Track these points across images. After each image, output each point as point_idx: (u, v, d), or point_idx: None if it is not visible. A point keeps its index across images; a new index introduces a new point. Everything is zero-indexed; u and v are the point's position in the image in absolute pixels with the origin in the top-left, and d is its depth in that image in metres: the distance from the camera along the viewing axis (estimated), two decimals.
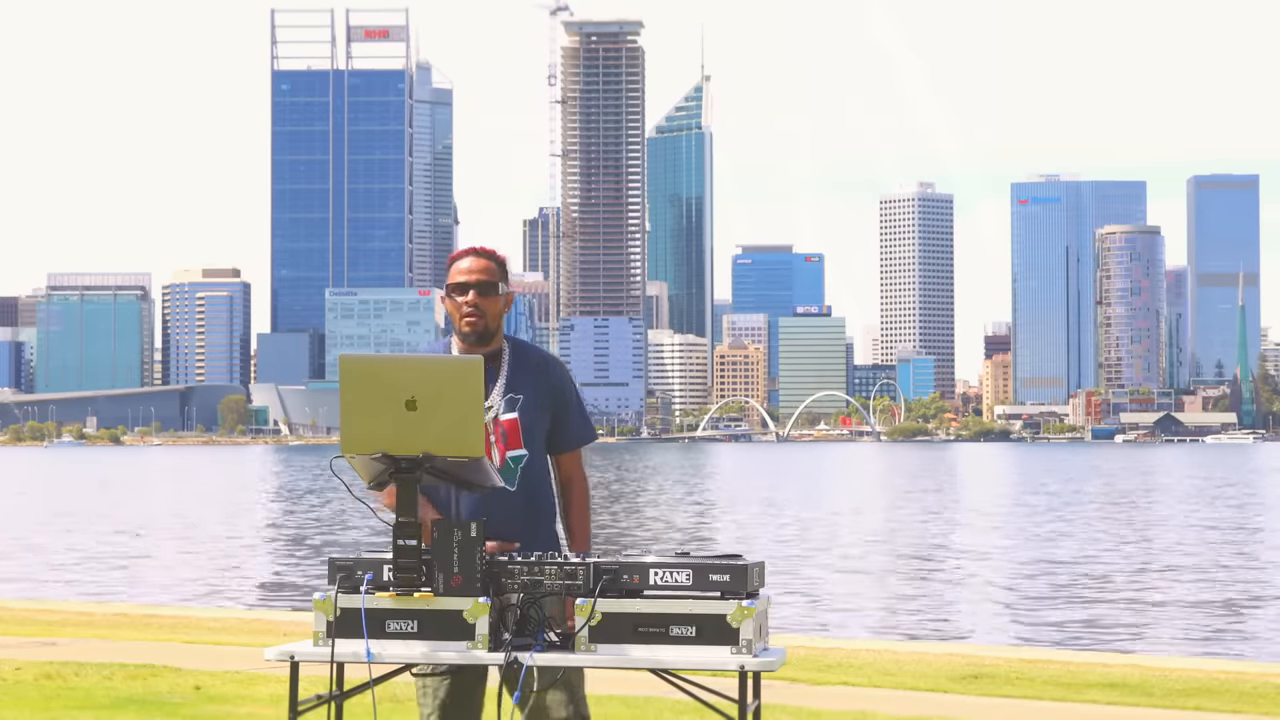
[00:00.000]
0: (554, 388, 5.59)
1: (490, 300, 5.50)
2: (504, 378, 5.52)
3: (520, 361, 5.57)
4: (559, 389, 5.60)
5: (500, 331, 5.58)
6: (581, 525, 5.62)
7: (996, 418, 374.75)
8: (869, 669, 12.51)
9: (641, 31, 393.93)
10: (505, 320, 5.49)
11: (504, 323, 5.59)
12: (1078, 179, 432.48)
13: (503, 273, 5.59)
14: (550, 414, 5.57)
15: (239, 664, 11.93)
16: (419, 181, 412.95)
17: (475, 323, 5.49)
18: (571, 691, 5.35)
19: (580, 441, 5.67)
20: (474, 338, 5.51)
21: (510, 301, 5.56)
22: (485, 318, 5.50)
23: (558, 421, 5.60)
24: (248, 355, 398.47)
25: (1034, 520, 46.24)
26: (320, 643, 4.93)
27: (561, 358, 66.05)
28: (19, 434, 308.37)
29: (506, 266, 5.64)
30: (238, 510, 54.18)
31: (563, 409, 5.61)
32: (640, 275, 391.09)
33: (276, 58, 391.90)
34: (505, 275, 5.60)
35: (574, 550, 5.55)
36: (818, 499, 62.24)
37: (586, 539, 5.61)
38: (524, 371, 5.55)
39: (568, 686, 5.33)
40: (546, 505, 5.59)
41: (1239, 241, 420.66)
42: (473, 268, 5.54)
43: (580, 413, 5.67)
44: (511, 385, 5.52)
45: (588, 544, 5.60)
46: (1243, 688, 11.58)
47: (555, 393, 5.59)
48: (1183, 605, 23.61)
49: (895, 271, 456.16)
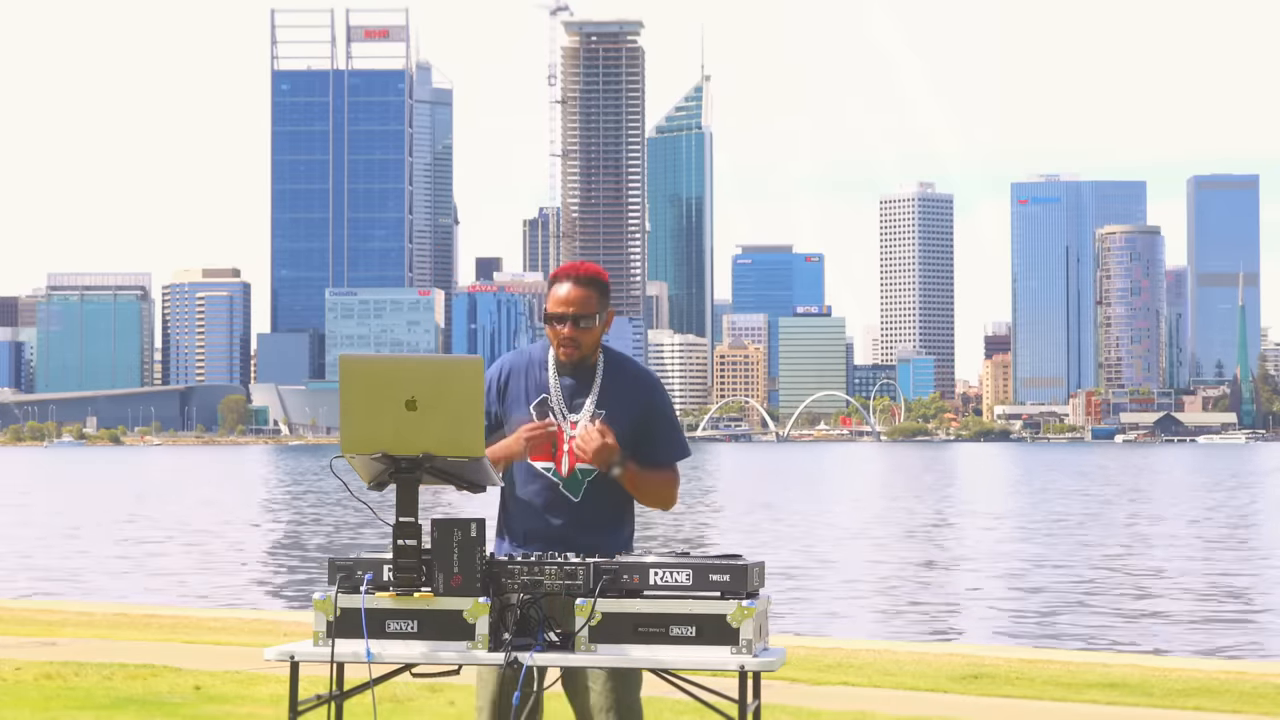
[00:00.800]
0: (644, 404, 5.48)
1: (587, 332, 5.40)
2: (597, 389, 5.44)
3: (613, 375, 5.48)
4: (649, 405, 5.49)
5: (598, 346, 5.49)
6: (660, 480, 5.47)
7: (996, 418, 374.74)
8: (869, 669, 12.51)
9: (641, 31, 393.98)
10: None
11: (601, 337, 5.49)
12: (1078, 179, 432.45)
13: (603, 297, 5.44)
14: (637, 430, 5.45)
15: (239, 664, 11.93)
16: (419, 181, 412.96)
17: (572, 354, 5.41)
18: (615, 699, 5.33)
19: (674, 458, 5.56)
20: (569, 367, 5.45)
21: (611, 320, 5.47)
22: (582, 348, 5.41)
23: (647, 437, 5.48)
24: (248, 355, 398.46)
25: (1034, 520, 46.24)
26: (320, 643, 4.92)
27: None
28: (19, 434, 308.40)
29: (608, 286, 5.50)
30: (238, 510, 54.16)
31: (653, 425, 5.49)
32: (640, 275, 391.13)
33: (276, 58, 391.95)
34: (606, 297, 5.46)
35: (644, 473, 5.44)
36: (818, 499, 62.24)
37: (656, 480, 5.46)
38: (615, 386, 5.46)
39: (611, 694, 5.32)
40: (613, 522, 5.50)
41: (1239, 241, 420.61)
42: (570, 298, 5.40)
43: (673, 428, 5.55)
44: (603, 398, 5.43)
45: (652, 479, 5.45)
46: (1243, 688, 11.57)
47: (645, 408, 5.48)
48: (1183, 605, 23.61)
49: (895, 271, 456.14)
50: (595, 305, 5.40)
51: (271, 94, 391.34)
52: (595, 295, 5.41)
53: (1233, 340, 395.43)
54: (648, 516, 47.73)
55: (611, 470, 5.34)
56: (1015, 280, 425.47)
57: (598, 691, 5.32)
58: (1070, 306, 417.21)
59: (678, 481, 5.58)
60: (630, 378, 5.49)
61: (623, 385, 5.46)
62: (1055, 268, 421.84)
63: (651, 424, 5.49)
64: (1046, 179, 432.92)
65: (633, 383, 5.49)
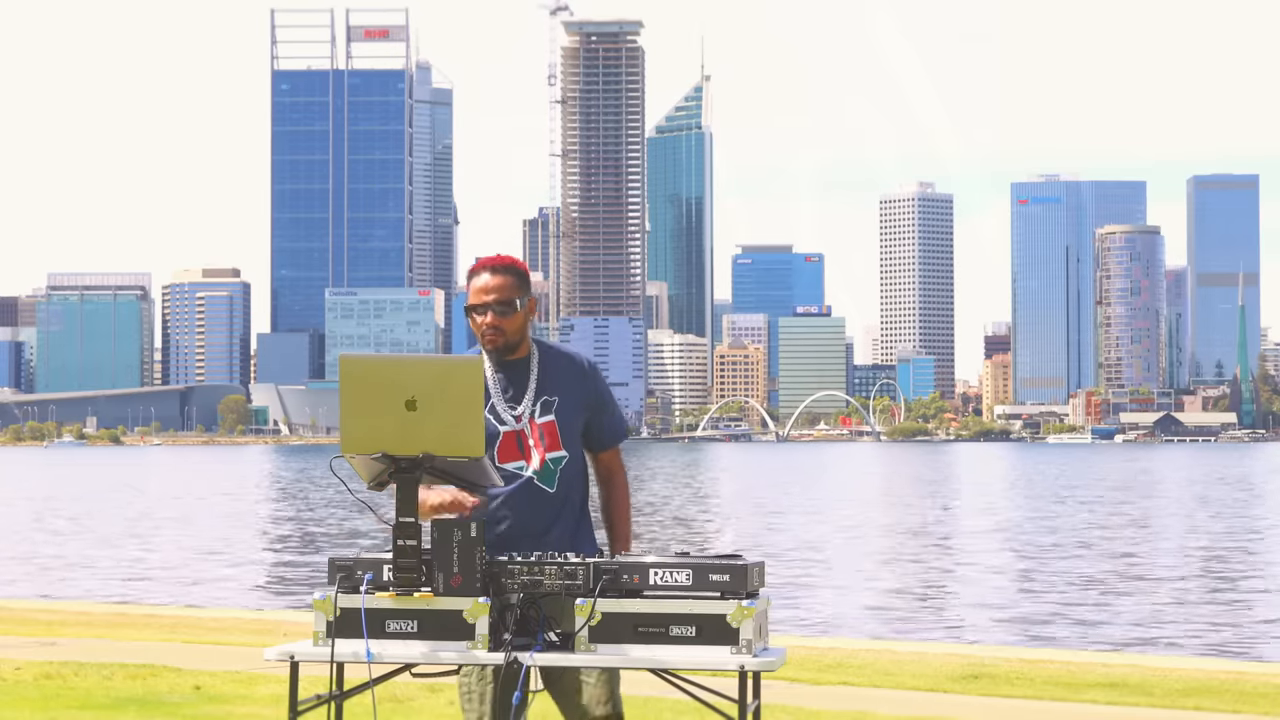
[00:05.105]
0: (587, 387, 5.58)
1: (509, 319, 5.45)
2: (534, 381, 5.51)
3: (550, 364, 5.55)
4: (592, 388, 5.59)
5: (526, 338, 5.54)
6: (624, 519, 5.64)
7: (996, 418, 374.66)
8: (869, 669, 12.51)
9: (641, 31, 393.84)
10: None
11: (529, 328, 5.55)
12: (1078, 179, 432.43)
13: (522, 284, 5.50)
14: (585, 413, 5.57)
15: (239, 664, 11.93)
16: (419, 181, 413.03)
17: (496, 340, 5.45)
18: (610, 690, 5.34)
19: (618, 437, 5.67)
20: (496, 355, 5.50)
21: (534, 308, 5.52)
22: (506, 334, 5.45)
23: (594, 420, 5.60)
24: (248, 355, 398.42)
25: (1033, 520, 46.24)
26: (320, 643, 4.92)
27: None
28: (19, 434, 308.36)
29: (526, 274, 5.55)
30: (237, 510, 54.16)
31: (598, 407, 5.60)
32: (640, 275, 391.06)
33: (276, 58, 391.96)
34: (525, 285, 5.52)
35: (616, 545, 5.58)
36: (818, 499, 62.23)
37: (629, 532, 5.63)
38: (555, 373, 5.53)
39: (607, 686, 5.33)
40: (584, 505, 5.60)
41: (1239, 241, 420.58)
42: (488, 286, 5.46)
43: (614, 408, 5.67)
44: (543, 388, 5.50)
45: (629, 539, 5.62)
46: (1243, 688, 11.58)
47: (589, 392, 5.58)
48: (1183, 605, 23.61)
49: (895, 271, 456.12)
50: (514, 291, 5.45)
51: (271, 94, 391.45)
52: (513, 281, 5.46)
53: (1233, 340, 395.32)
54: (648, 516, 47.66)
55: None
56: (1015, 280, 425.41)
57: (591, 684, 5.31)
58: (1070, 306, 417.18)
59: (626, 483, 5.69)
60: (565, 365, 5.56)
61: (560, 372, 5.54)
62: (1055, 268, 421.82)
63: (596, 407, 5.58)
64: (1046, 179, 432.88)
65: (570, 368, 5.56)
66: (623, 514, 5.65)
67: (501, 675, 4.91)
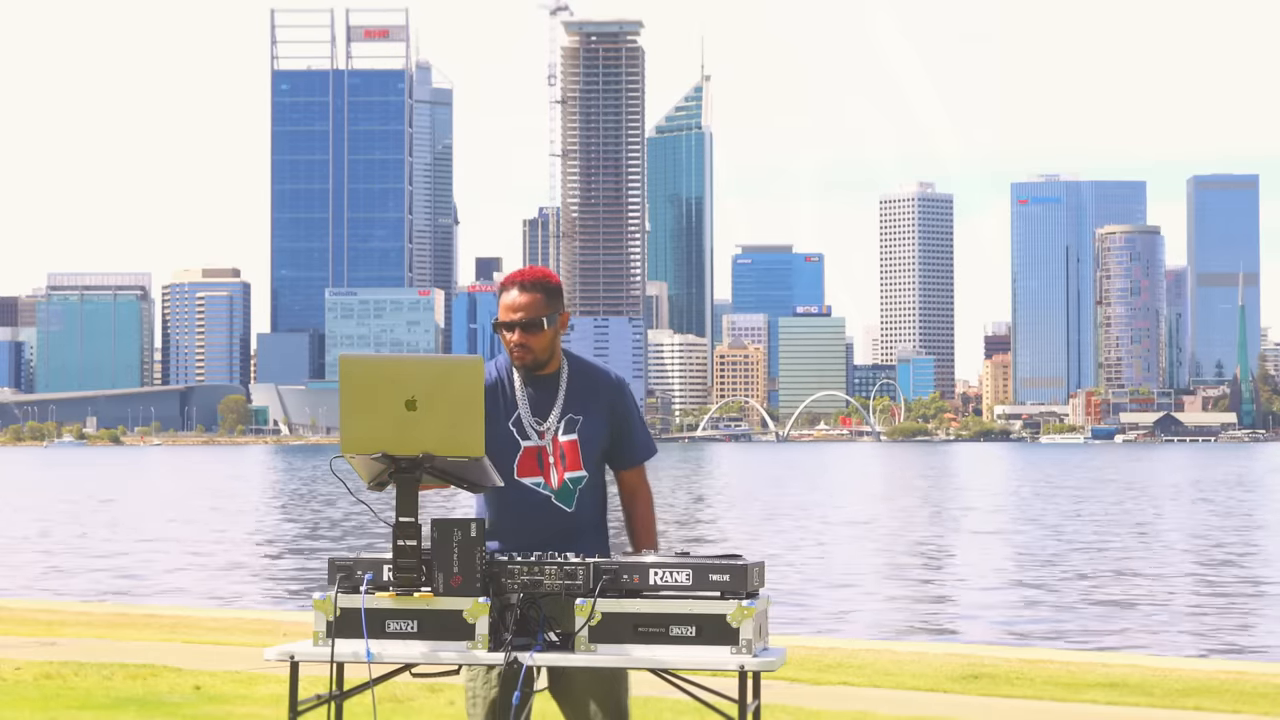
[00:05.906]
0: (614, 406, 5.51)
1: (536, 337, 5.39)
2: (562, 398, 5.46)
3: (578, 381, 5.49)
4: (619, 407, 5.52)
5: (557, 354, 5.48)
6: (648, 538, 5.59)
7: (996, 418, 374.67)
8: (869, 669, 12.51)
9: (641, 31, 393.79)
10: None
11: (559, 342, 5.49)
12: (1078, 179, 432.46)
13: (551, 301, 5.42)
14: (610, 432, 5.51)
15: (239, 664, 11.93)
16: (419, 181, 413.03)
17: (523, 358, 5.41)
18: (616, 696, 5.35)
19: (644, 456, 5.61)
20: (525, 371, 5.46)
21: (565, 323, 5.45)
22: (533, 352, 5.40)
23: (620, 439, 5.54)
24: (248, 355, 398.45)
25: (1033, 520, 46.23)
26: (320, 643, 4.92)
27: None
28: (19, 434, 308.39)
29: (558, 288, 5.47)
30: (237, 510, 54.15)
31: (624, 425, 5.54)
32: (640, 275, 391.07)
33: (276, 58, 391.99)
34: (555, 301, 5.43)
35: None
36: (818, 499, 62.22)
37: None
38: (582, 391, 5.48)
39: (612, 692, 5.33)
40: (602, 525, 5.56)
41: (1239, 241, 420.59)
42: (516, 304, 5.39)
43: (641, 428, 5.60)
44: (570, 405, 5.45)
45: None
46: (1243, 688, 11.57)
47: (615, 411, 5.52)
48: (1183, 605, 23.60)
49: (895, 271, 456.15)
50: (543, 309, 5.38)
51: (271, 94, 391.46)
52: (542, 299, 5.39)
53: (1233, 340, 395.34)
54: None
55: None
56: (1015, 280, 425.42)
57: (592, 684, 5.31)
58: (1070, 306, 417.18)
59: (651, 499, 5.65)
60: (595, 382, 5.50)
61: (588, 389, 5.48)
62: (1055, 268, 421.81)
63: (622, 426, 5.52)
64: (1046, 179, 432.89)
65: (598, 386, 5.50)
66: (647, 533, 5.60)
67: (503, 676, 4.90)
